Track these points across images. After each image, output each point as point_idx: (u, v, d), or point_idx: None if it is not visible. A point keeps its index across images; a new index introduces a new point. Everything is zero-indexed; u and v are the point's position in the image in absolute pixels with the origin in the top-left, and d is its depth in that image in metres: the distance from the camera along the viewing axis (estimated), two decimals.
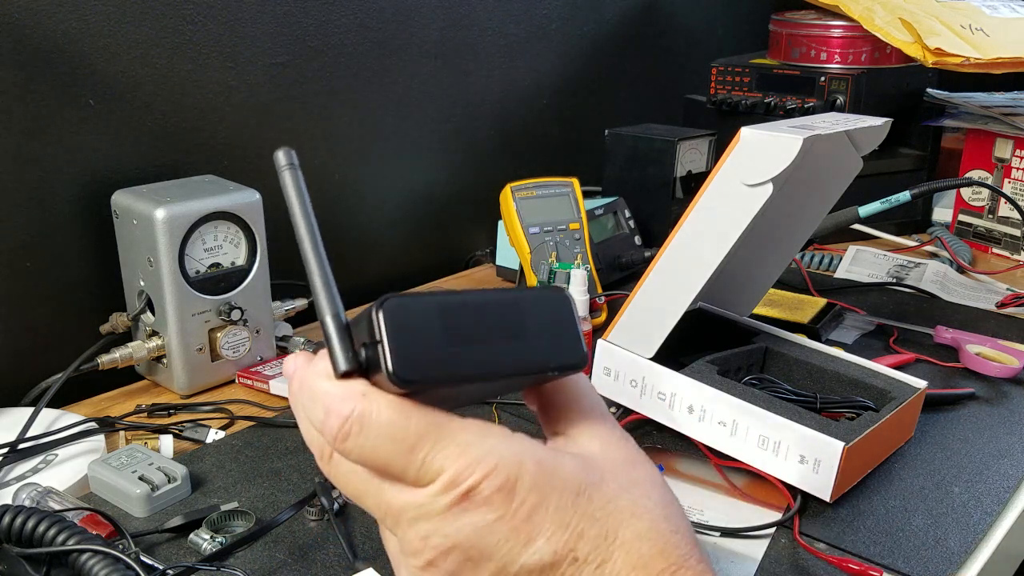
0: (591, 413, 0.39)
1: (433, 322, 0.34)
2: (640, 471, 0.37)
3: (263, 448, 0.79)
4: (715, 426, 0.73)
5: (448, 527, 0.33)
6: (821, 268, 1.25)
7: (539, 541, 0.34)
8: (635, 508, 0.35)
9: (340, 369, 0.35)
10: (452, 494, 0.33)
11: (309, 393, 0.36)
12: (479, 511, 0.33)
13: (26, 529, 0.59)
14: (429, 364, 0.34)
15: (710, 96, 1.42)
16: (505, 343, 0.35)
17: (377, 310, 0.33)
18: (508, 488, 0.33)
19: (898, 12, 1.20)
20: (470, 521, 0.33)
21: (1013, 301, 1.08)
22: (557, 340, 0.36)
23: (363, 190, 1.17)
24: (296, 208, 0.37)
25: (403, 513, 0.34)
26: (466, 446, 0.34)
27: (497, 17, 1.28)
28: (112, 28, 0.89)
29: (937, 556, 0.64)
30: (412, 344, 0.33)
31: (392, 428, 0.34)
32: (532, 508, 0.34)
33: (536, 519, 0.34)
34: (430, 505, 0.34)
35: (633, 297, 0.77)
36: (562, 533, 0.34)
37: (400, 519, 0.35)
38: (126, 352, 0.88)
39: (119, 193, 0.87)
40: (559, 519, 0.34)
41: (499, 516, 0.33)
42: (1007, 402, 0.87)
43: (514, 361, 0.36)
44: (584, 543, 0.34)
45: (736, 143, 0.71)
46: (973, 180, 1.20)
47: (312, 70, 1.07)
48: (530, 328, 0.36)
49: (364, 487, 0.36)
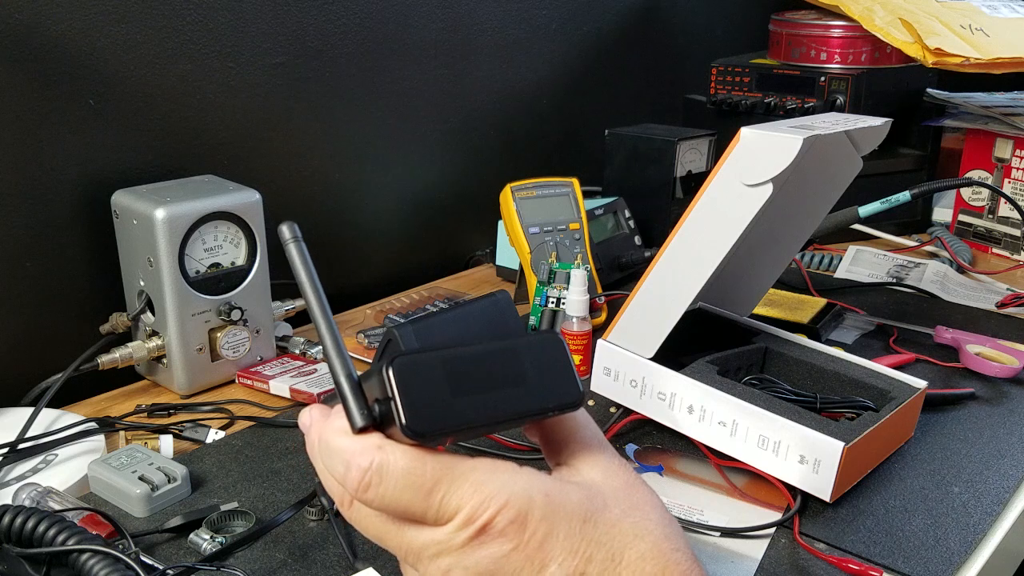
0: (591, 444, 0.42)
1: (439, 376, 0.37)
2: (639, 494, 0.40)
3: (263, 448, 0.79)
4: (715, 426, 0.73)
5: (467, 560, 0.36)
6: (821, 268, 1.25)
7: (552, 567, 0.36)
8: (637, 530, 0.38)
9: (357, 425, 0.38)
10: (469, 530, 0.36)
11: (327, 449, 0.39)
12: (495, 543, 0.36)
13: (26, 529, 0.59)
14: (439, 416, 0.37)
15: (710, 96, 1.42)
16: (506, 390, 0.38)
17: (387, 369, 0.36)
18: (520, 520, 0.36)
19: (898, 12, 1.20)
20: (488, 553, 0.36)
21: (1013, 301, 1.08)
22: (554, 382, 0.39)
23: (363, 190, 1.17)
24: (304, 278, 0.41)
25: (425, 550, 0.37)
26: (479, 484, 0.37)
27: (497, 17, 1.28)
28: (112, 28, 0.89)
29: (937, 556, 0.64)
30: (422, 399, 0.37)
31: (410, 476, 0.37)
32: (544, 537, 0.36)
33: (548, 546, 0.36)
34: (449, 541, 0.37)
35: (633, 297, 0.77)
36: (572, 558, 0.37)
37: (421, 556, 0.38)
38: (126, 352, 0.88)
39: (119, 193, 0.87)
40: (569, 545, 0.37)
41: (514, 547, 0.36)
42: (1007, 402, 0.87)
43: (516, 406, 0.39)
44: (593, 566, 0.37)
45: (736, 143, 0.71)
46: (973, 180, 1.20)
47: (312, 70, 1.07)
48: (528, 373, 0.39)
49: (385, 529, 0.39)
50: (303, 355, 0.96)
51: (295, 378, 0.88)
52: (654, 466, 0.75)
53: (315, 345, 0.97)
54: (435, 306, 1.10)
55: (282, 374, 0.89)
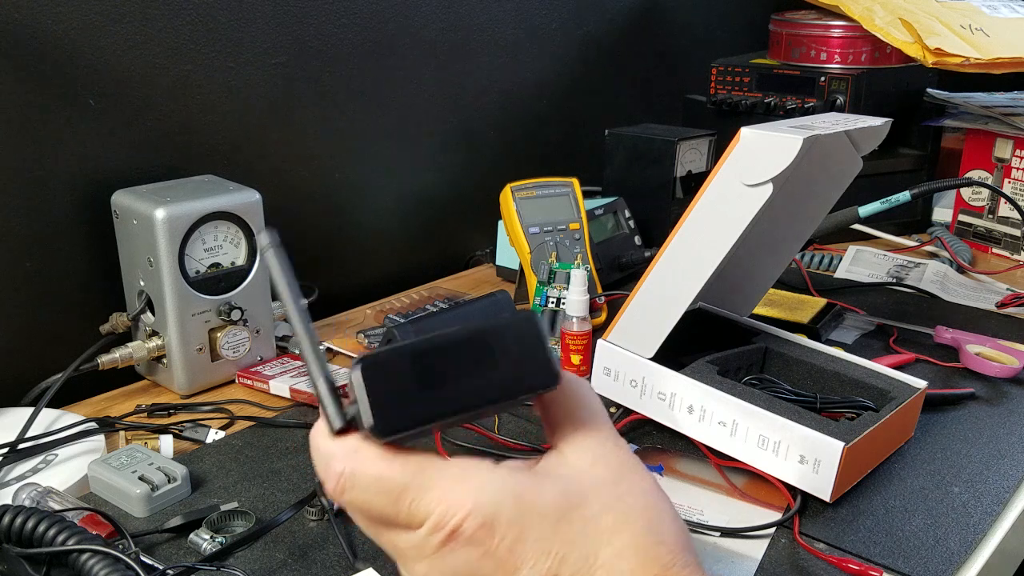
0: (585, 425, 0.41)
1: (406, 371, 0.37)
2: (627, 484, 0.39)
3: (263, 448, 0.79)
4: (715, 426, 0.73)
5: (442, 564, 0.37)
6: (821, 268, 1.25)
7: (523, 571, 0.36)
8: (616, 525, 0.37)
9: (334, 428, 0.39)
10: (439, 535, 0.36)
11: (313, 450, 0.40)
12: (464, 549, 0.36)
13: (26, 529, 0.59)
14: (406, 415, 0.37)
15: (710, 96, 1.42)
16: (477, 377, 0.38)
17: (353, 371, 0.36)
18: (488, 525, 0.36)
19: (898, 12, 1.20)
20: (461, 557, 0.36)
21: (1013, 301, 1.08)
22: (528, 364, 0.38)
23: (363, 190, 1.17)
24: (283, 284, 0.41)
25: (405, 553, 0.38)
26: (447, 491, 0.37)
27: (497, 17, 1.28)
28: (112, 28, 0.89)
29: (937, 556, 0.64)
30: (388, 398, 0.36)
31: (379, 482, 0.37)
32: (513, 541, 0.36)
33: (518, 550, 0.36)
34: (423, 545, 0.37)
35: (633, 297, 0.77)
36: (544, 560, 0.36)
37: (404, 558, 0.38)
38: (126, 352, 0.88)
39: (119, 193, 0.87)
40: (540, 548, 0.36)
41: (483, 552, 0.36)
42: (1007, 402, 0.87)
43: (486, 393, 0.38)
44: (566, 567, 0.36)
45: (736, 143, 0.71)
46: (973, 180, 1.20)
47: (312, 70, 1.07)
48: (500, 357, 0.38)
49: (372, 530, 0.40)
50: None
51: (295, 378, 0.88)
52: (654, 466, 0.75)
53: None
54: (435, 306, 1.10)
55: (282, 374, 0.89)
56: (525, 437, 0.79)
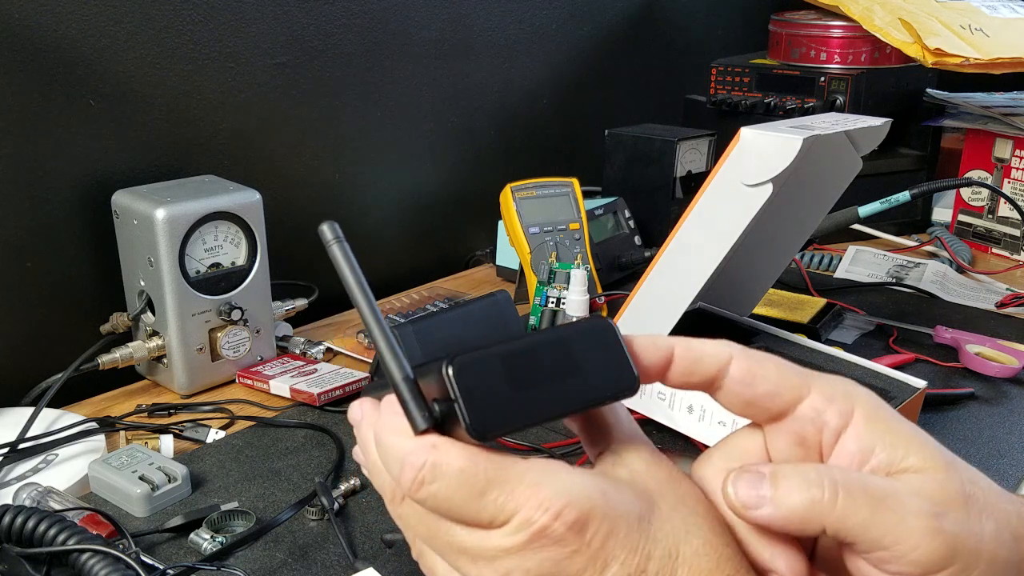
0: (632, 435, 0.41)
1: (498, 373, 0.37)
2: (683, 488, 0.40)
3: (263, 448, 0.79)
4: (715, 426, 0.73)
5: (528, 562, 0.36)
6: (821, 268, 1.25)
7: (614, 567, 0.36)
8: (687, 525, 0.38)
9: (419, 429, 0.38)
10: (527, 533, 0.36)
11: (382, 446, 0.39)
12: (556, 546, 0.36)
13: (26, 529, 0.59)
14: (502, 414, 0.37)
15: (710, 96, 1.42)
16: (564, 381, 0.38)
17: (447, 368, 0.36)
18: (581, 522, 0.36)
19: (898, 12, 1.20)
20: (549, 556, 0.36)
21: (1013, 301, 1.08)
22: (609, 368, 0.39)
23: (363, 190, 1.17)
24: (351, 281, 0.41)
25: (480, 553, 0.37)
26: (535, 487, 0.36)
27: (497, 17, 1.28)
28: (112, 28, 0.89)
29: None
30: (484, 398, 0.36)
31: (463, 475, 0.37)
32: (605, 537, 0.36)
33: (609, 546, 0.36)
34: (507, 544, 0.36)
35: (633, 297, 0.77)
36: (633, 556, 0.36)
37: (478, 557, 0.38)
38: (126, 352, 0.88)
39: (119, 193, 0.87)
40: (629, 544, 0.36)
41: (575, 549, 0.36)
42: (1007, 402, 0.87)
43: (575, 397, 0.38)
44: (652, 563, 0.37)
45: (736, 143, 0.71)
46: (973, 180, 1.20)
47: (312, 70, 1.07)
48: (583, 362, 0.38)
49: (436, 528, 0.39)
50: (303, 355, 0.96)
51: (295, 378, 0.88)
52: None
53: (315, 345, 0.97)
54: (435, 306, 1.10)
55: (282, 374, 0.89)
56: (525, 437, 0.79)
